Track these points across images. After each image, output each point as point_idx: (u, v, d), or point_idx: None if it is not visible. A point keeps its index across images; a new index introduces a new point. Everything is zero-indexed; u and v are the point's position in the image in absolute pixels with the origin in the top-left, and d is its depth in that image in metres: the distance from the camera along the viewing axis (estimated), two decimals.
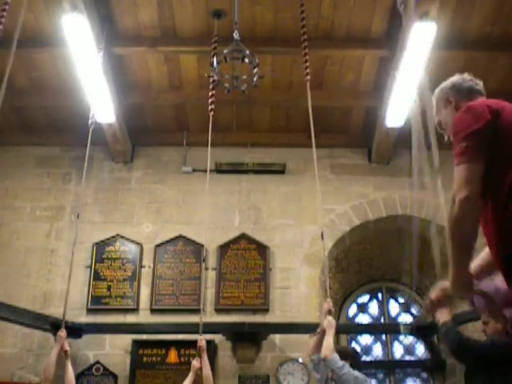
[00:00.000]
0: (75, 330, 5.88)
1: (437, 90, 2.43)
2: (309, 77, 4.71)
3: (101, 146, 6.81)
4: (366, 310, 7.42)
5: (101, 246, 6.64)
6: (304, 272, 6.55)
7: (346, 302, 7.39)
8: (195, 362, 4.80)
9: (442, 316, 3.53)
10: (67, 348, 4.73)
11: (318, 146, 7.02)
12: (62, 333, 4.74)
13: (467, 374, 3.68)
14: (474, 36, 5.85)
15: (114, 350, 6.18)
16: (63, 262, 6.50)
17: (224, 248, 6.65)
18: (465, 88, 2.33)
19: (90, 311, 6.32)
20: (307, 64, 4.72)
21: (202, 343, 4.83)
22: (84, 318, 6.22)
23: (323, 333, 4.38)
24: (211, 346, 6.08)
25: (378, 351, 7.12)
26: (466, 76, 2.38)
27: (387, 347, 7.10)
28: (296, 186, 7.00)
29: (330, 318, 4.41)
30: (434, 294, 2.21)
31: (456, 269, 1.96)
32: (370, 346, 7.15)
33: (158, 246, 6.66)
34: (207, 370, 4.79)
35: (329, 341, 4.24)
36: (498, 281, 2.00)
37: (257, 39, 5.82)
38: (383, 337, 7.17)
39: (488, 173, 1.94)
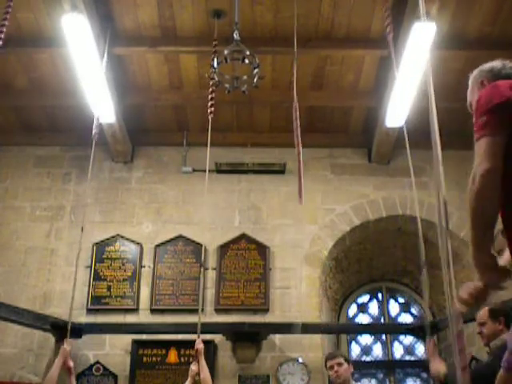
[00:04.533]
0: (75, 330, 5.88)
1: (475, 71, 2.39)
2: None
3: (101, 146, 6.80)
4: (366, 309, 7.42)
5: (101, 246, 6.64)
6: (304, 272, 6.55)
7: (345, 302, 7.40)
8: (193, 367, 4.56)
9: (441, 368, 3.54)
10: (71, 365, 4.38)
11: (318, 146, 7.12)
12: (66, 346, 4.39)
13: None
14: (474, 36, 5.85)
15: (114, 350, 6.19)
16: (63, 262, 6.51)
17: (224, 248, 6.65)
18: (502, 75, 2.27)
19: (89, 311, 6.32)
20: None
21: (200, 346, 4.58)
22: (84, 318, 6.22)
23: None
24: (211, 346, 6.09)
25: (378, 351, 7.12)
26: (508, 63, 2.33)
27: (387, 347, 7.10)
28: (296, 186, 6.98)
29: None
30: (464, 292, 2.12)
31: (476, 250, 1.90)
32: (370, 346, 7.15)
33: (157, 245, 6.66)
34: (205, 373, 4.52)
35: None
36: None
37: (257, 39, 5.82)
38: (383, 337, 7.17)
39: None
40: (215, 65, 4.71)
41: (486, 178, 1.84)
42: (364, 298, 7.49)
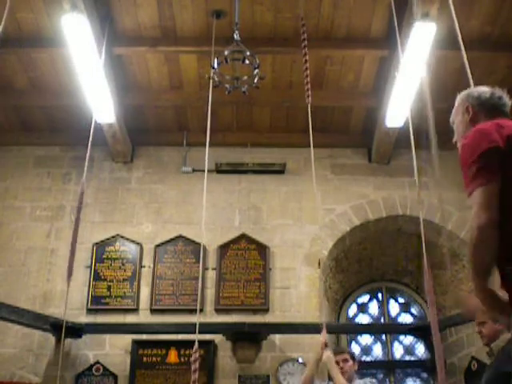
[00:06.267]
0: (75, 330, 5.89)
1: (463, 93, 2.36)
2: (308, 78, 4.70)
3: (101, 146, 6.81)
4: (366, 310, 7.42)
5: (101, 246, 6.64)
6: (304, 272, 6.55)
7: (345, 302, 7.40)
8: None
9: None
10: None
11: (318, 146, 7.09)
12: None
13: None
14: (474, 36, 5.85)
15: (114, 350, 6.18)
16: (63, 261, 6.49)
17: (224, 248, 6.65)
18: (489, 104, 2.25)
19: (90, 311, 6.32)
20: (307, 65, 4.71)
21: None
22: (84, 318, 6.22)
23: (317, 364, 4.17)
24: (211, 346, 6.09)
25: (378, 351, 7.12)
26: (497, 91, 2.29)
27: (387, 347, 7.10)
28: (296, 186, 7.01)
29: (327, 352, 4.12)
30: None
31: (478, 292, 1.92)
32: (370, 346, 7.15)
33: (157, 246, 6.66)
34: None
35: (340, 380, 3.97)
36: None
37: (257, 39, 5.82)
38: (383, 337, 7.17)
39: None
40: (215, 65, 4.70)
41: (483, 231, 1.85)
42: (364, 298, 7.49)
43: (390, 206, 6.90)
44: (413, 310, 7.39)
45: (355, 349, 7.12)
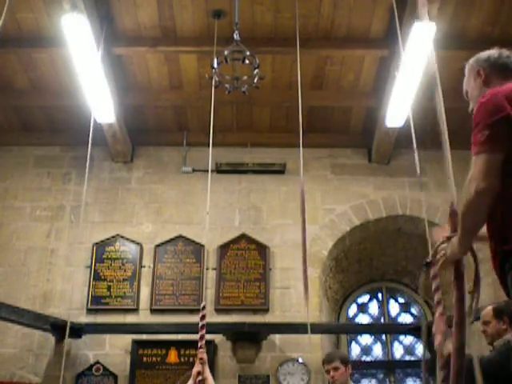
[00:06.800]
0: (75, 330, 5.88)
1: (472, 59, 2.36)
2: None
3: (101, 146, 6.81)
4: (366, 310, 7.42)
5: (101, 246, 6.64)
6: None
7: (345, 302, 7.40)
8: (195, 368, 4.18)
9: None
10: None
11: (318, 146, 7.12)
12: None
13: None
14: (474, 36, 5.85)
15: (114, 350, 6.18)
16: (63, 261, 6.51)
17: (224, 248, 6.65)
18: (499, 64, 2.26)
19: (90, 311, 6.32)
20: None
21: (204, 356, 4.20)
22: (84, 318, 6.23)
23: None
24: (211, 346, 6.09)
25: (378, 351, 7.12)
26: (504, 52, 2.31)
27: (387, 347, 7.10)
28: (296, 186, 7.00)
29: None
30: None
31: (460, 245, 2.01)
32: (370, 346, 7.14)
33: (157, 246, 6.66)
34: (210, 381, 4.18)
35: None
36: None
37: (257, 39, 5.82)
38: (383, 337, 7.17)
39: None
40: (215, 65, 4.71)
41: (481, 197, 1.88)
42: (364, 298, 7.49)
43: (390, 206, 6.90)
44: (413, 310, 7.39)
45: (355, 349, 7.13)
